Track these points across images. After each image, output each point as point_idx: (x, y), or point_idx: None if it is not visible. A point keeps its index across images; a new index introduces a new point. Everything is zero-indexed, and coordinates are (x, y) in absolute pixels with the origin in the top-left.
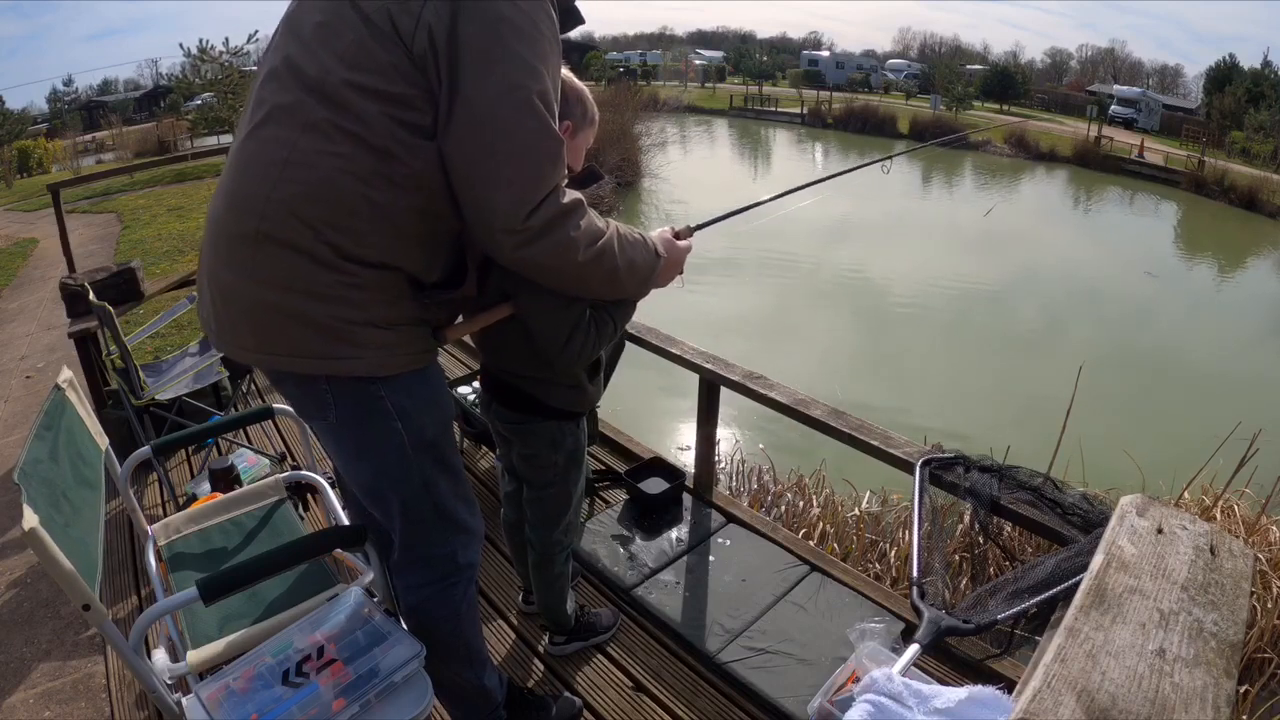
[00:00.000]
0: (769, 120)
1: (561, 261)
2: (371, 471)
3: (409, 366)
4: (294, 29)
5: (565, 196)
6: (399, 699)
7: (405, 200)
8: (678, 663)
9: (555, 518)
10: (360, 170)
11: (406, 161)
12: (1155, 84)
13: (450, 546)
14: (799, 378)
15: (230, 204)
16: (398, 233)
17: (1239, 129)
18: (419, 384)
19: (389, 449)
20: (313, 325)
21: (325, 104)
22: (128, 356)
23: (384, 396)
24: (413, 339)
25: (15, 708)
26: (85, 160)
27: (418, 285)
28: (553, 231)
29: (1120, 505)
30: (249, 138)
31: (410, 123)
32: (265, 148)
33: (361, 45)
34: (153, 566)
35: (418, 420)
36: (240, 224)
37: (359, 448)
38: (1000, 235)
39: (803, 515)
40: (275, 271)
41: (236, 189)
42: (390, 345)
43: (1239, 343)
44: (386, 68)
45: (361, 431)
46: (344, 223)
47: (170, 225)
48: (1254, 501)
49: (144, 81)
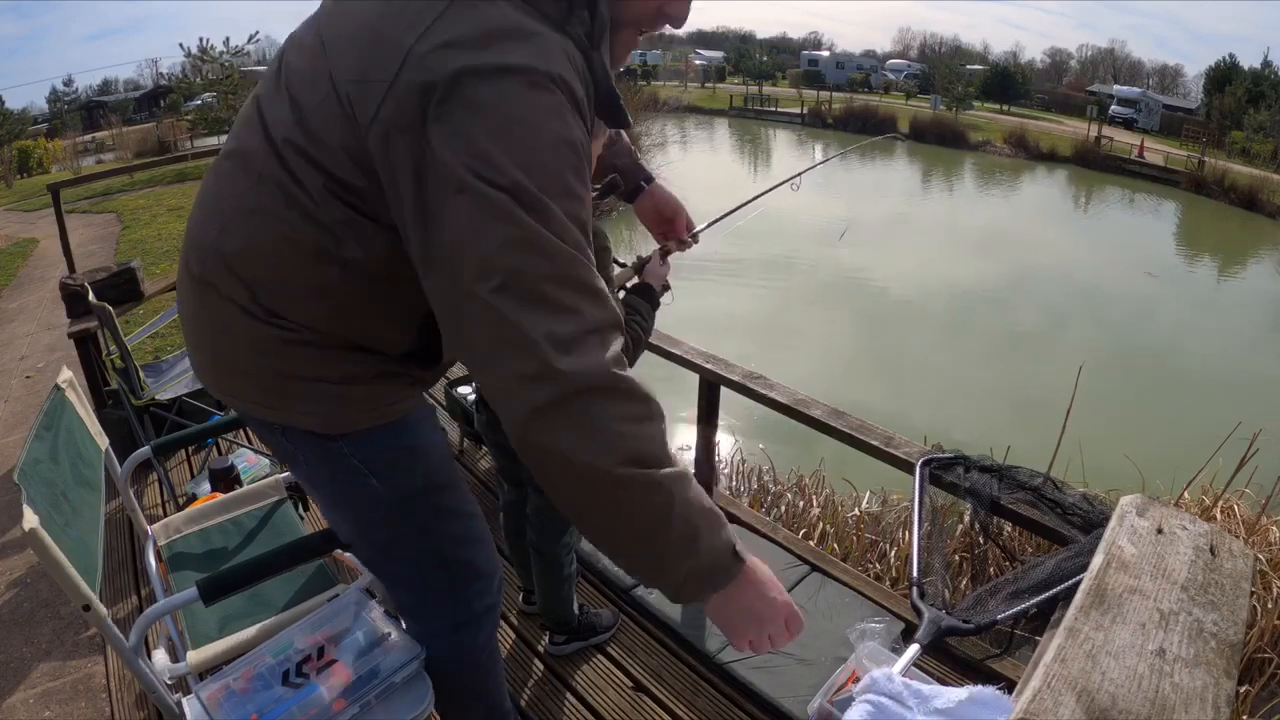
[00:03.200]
0: (769, 120)
1: (588, 461)
2: (353, 523)
3: (375, 422)
4: (283, 59)
5: (607, 351)
6: (399, 700)
7: (355, 284)
8: (678, 663)
9: (565, 523)
10: (304, 244)
11: (354, 248)
12: (1155, 84)
13: (463, 593)
14: (799, 378)
15: (187, 238)
16: (347, 313)
17: (1239, 129)
18: (391, 437)
19: (364, 503)
20: (255, 376)
21: (276, 160)
22: (128, 356)
23: (348, 455)
24: (376, 394)
25: (15, 708)
26: (85, 160)
27: (379, 353)
28: (573, 415)
29: (1120, 505)
30: (216, 166)
31: (360, 210)
32: (221, 187)
33: (320, 110)
34: (153, 566)
35: (396, 474)
36: (187, 264)
37: (334, 500)
38: (1000, 236)
39: (803, 515)
40: (216, 316)
41: (192, 226)
42: (348, 400)
43: (1239, 343)
44: (336, 149)
45: (334, 486)
46: (284, 293)
47: (170, 225)
48: (1254, 501)
49: (144, 82)
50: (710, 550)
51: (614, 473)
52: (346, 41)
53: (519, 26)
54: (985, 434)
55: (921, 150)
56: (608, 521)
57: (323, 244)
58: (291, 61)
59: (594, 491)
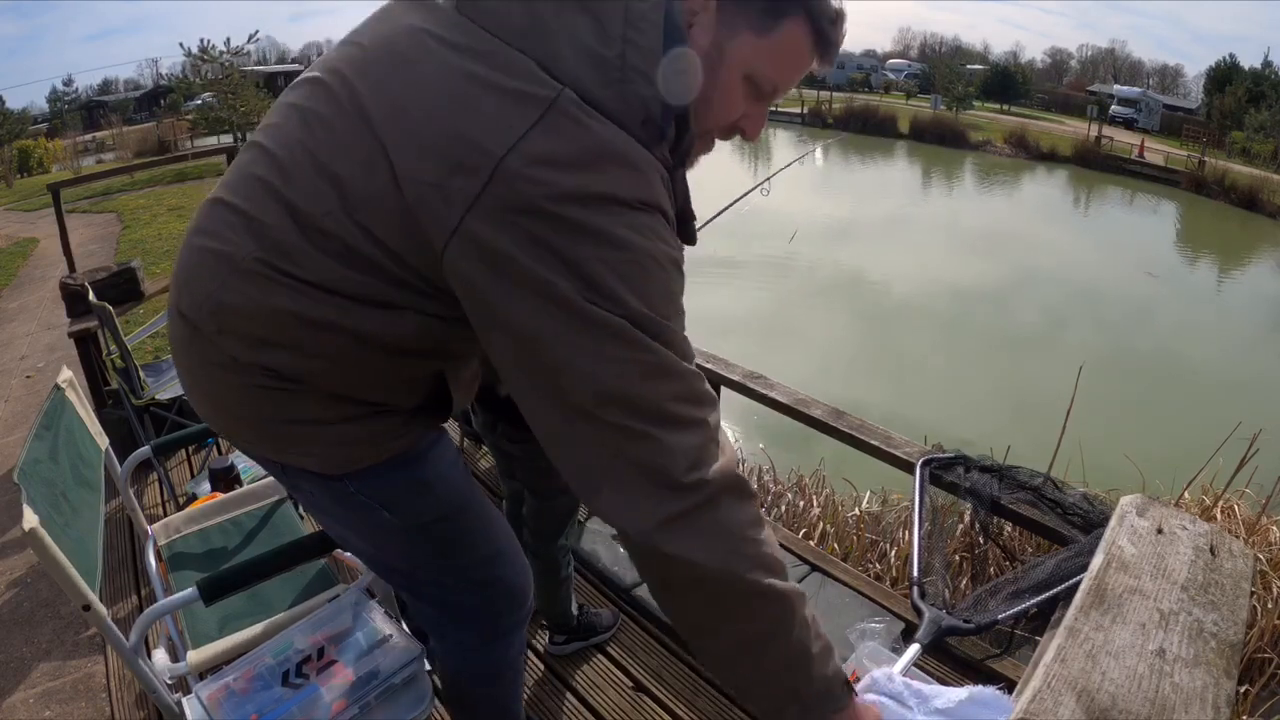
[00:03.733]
0: (769, 120)
1: (720, 566)
2: (370, 548)
3: (380, 458)
4: (301, 110)
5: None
6: (399, 700)
7: (364, 354)
8: (678, 663)
9: (562, 524)
10: (312, 317)
11: (372, 324)
12: (1155, 84)
13: (490, 610)
14: (799, 378)
15: (181, 270)
16: (349, 375)
17: (1239, 129)
18: (399, 471)
19: (379, 532)
20: (248, 422)
21: (300, 236)
22: (128, 356)
23: (354, 492)
24: (380, 432)
25: (15, 708)
26: (85, 160)
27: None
28: (704, 522)
29: (1120, 505)
30: (220, 210)
31: (397, 304)
32: (228, 224)
33: (377, 204)
34: (153, 566)
35: (410, 507)
36: (178, 301)
37: (346, 529)
38: (1000, 235)
39: (803, 515)
40: (205, 359)
41: (188, 259)
42: (345, 441)
43: (1239, 342)
44: (393, 246)
45: (345, 519)
46: (284, 359)
47: (170, 225)
48: (1254, 501)
49: (144, 81)
50: (821, 678)
51: (745, 578)
52: (412, 135)
53: (620, 149)
54: (985, 434)
55: (921, 150)
56: (731, 626)
57: (334, 319)
58: (317, 120)
59: (723, 598)
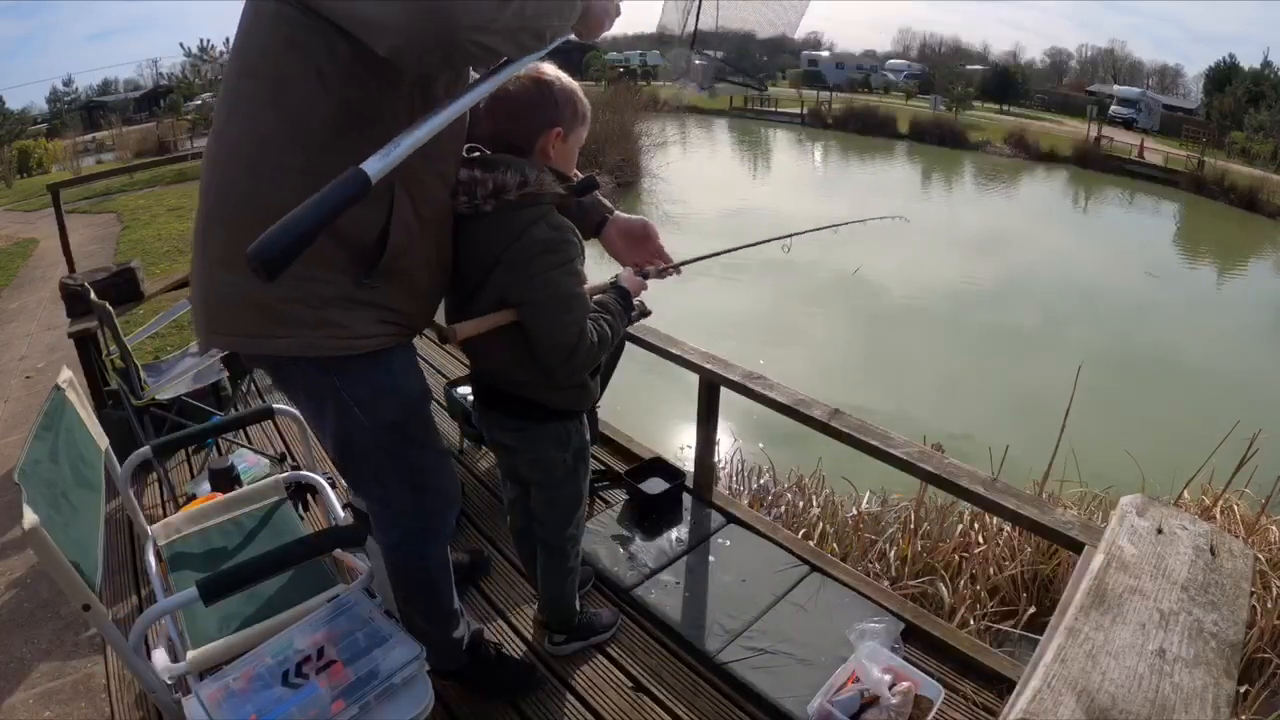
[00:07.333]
0: (769, 121)
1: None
2: (339, 446)
3: (349, 350)
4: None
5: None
6: (399, 700)
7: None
8: (678, 663)
9: (569, 515)
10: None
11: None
12: (1155, 84)
13: (421, 511)
14: (799, 378)
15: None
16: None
17: (1239, 129)
18: (376, 371)
19: (351, 430)
20: (241, 306)
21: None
22: (128, 356)
23: (340, 389)
24: (352, 320)
25: (15, 708)
26: (85, 160)
27: (350, 263)
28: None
29: (1120, 505)
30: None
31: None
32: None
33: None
34: (153, 566)
35: (377, 407)
36: (203, 213)
37: (325, 426)
38: (1000, 235)
39: (802, 515)
40: (218, 250)
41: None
42: (325, 324)
43: (1239, 342)
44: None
45: (324, 416)
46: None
47: (170, 225)
48: (1254, 501)
49: (144, 82)
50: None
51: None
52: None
53: None
54: (985, 433)
55: (921, 150)
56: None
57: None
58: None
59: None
